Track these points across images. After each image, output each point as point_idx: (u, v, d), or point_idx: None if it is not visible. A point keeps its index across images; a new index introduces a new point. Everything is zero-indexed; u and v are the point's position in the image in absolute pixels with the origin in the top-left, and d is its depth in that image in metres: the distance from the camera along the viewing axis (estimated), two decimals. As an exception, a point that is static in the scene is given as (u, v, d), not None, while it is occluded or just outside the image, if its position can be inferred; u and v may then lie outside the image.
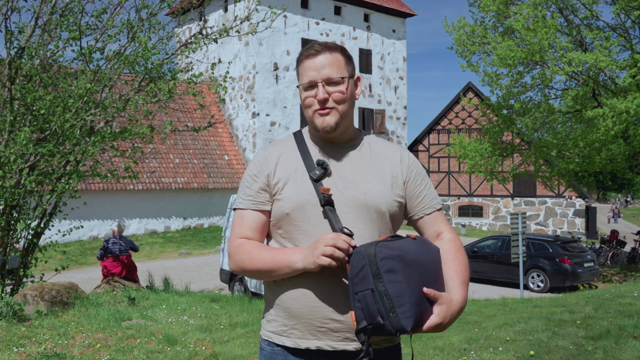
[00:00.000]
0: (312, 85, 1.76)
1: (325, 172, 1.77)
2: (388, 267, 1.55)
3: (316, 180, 1.75)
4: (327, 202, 1.72)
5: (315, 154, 1.82)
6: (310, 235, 1.73)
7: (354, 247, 1.61)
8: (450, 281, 1.71)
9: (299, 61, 1.82)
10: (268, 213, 1.81)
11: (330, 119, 1.76)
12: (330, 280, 1.69)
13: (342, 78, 1.77)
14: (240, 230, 1.81)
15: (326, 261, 1.59)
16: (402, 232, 1.98)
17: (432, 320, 1.59)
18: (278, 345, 1.78)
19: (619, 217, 38.71)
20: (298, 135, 1.89)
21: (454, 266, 1.75)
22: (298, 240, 1.75)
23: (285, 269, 1.69)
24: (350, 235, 1.66)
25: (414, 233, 1.78)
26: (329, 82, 1.75)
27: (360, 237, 1.71)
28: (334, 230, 1.68)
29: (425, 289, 1.58)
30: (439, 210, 1.89)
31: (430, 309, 1.60)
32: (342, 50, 1.82)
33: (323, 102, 1.75)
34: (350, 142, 1.86)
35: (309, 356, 1.73)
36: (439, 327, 1.61)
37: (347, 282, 1.66)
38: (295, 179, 1.77)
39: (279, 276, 1.73)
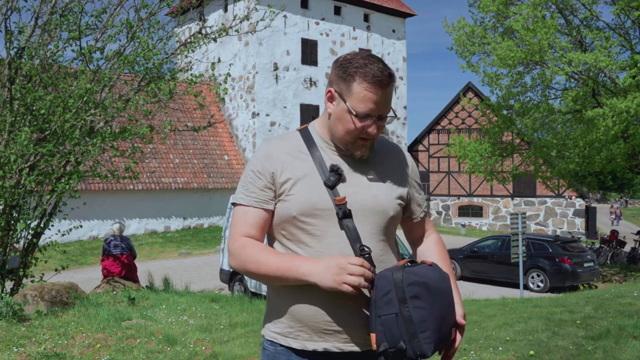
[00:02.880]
0: (367, 116, 1.70)
1: (340, 177, 1.73)
2: (414, 293, 1.57)
3: (331, 187, 1.72)
4: (344, 215, 1.69)
5: (327, 157, 1.78)
6: (319, 238, 1.70)
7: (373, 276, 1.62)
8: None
9: (361, 77, 1.67)
10: (271, 212, 1.76)
11: (367, 149, 1.78)
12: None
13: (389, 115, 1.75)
14: (244, 228, 1.75)
15: (348, 289, 1.57)
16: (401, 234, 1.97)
17: (457, 340, 1.72)
18: (282, 345, 1.75)
19: (621, 219, 38.26)
20: (306, 134, 1.83)
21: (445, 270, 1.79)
22: (305, 243, 1.72)
23: (292, 280, 1.65)
24: (369, 253, 1.66)
25: (427, 260, 1.81)
26: (381, 117, 1.72)
27: (369, 240, 1.72)
28: (352, 247, 1.68)
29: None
30: (426, 214, 1.97)
31: (448, 334, 1.66)
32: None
33: (370, 134, 1.73)
34: None
35: (314, 357, 1.72)
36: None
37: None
38: (304, 181, 1.73)
39: (283, 283, 1.70)
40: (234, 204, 1.82)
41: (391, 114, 1.73)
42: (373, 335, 1.58)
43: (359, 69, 1.67)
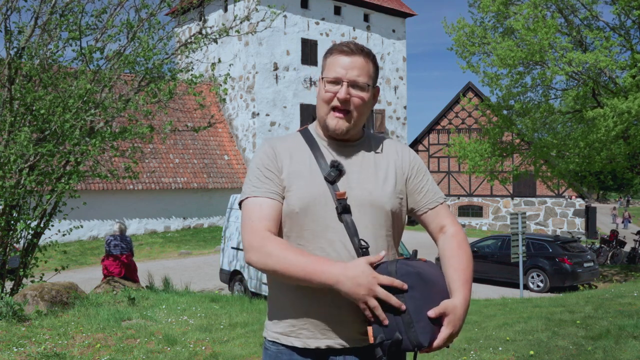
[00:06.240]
0: (337, 81, 1.76)
1: (340, 173, 1.76)
2: (408, 284, 1.57)
3: (331, 182, 1.74)
4: (344, 209, 1.71)
5: (326, 153, 1.81)
6: (318, 235, 1.71)
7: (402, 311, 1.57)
8: (451, 282, 1.70)
9: (330, 53, 1.81)
10: (281, 207, 1.76)
11: (344, 124, 1.77)
12: None
13: (367, 85, 1.77)
14: (262, 222, 1.69)
15: (367, 312, 1.57)
16: (407, 234, 1.97)
17: (444, 332, 1.58)
18: (284, 345, 1.75)
19: (630, 222, 36.62)
20: (306, 133, 1.88)
21: (454, 265, 1.74)
22: (306, 239, 1.72)
23: (316, 284, 1.59)
24: (367, 247, 1.68)
25: (423, 257, 1.79)
26: (354, 84, 1.75)
27: (366, 235, 1.72)
28: (352, 241, 1.69)
29: (429, 312, 1.57)
30: (442, 204, 1.89)
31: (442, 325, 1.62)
32: (374, 59, 1.83)
33: (343, 102, 1.75)
34: (356, 141, 1.87)
35: (317, 355, 1.72)
36: (452, 337, 1.60)
37: None
38: (305, 178, 1.75)
39: (304, 284, 1.63)
40: (240, 203, 1.79)
41: (365, 80, 1.76)
42: (370, 328, 1.58)
43: (332, 50, 1.83)
